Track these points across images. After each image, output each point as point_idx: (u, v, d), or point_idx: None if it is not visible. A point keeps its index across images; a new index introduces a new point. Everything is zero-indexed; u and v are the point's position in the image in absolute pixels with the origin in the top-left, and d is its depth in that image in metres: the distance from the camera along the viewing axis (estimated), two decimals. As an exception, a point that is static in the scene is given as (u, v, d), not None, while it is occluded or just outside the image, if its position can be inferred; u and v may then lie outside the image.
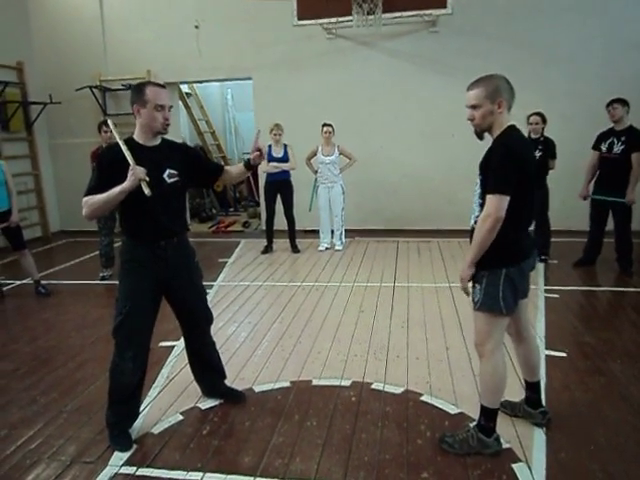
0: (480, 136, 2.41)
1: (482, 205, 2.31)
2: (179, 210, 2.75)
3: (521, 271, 2.36)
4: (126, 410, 2.70)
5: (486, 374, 2.45)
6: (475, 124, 2.37)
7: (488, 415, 2.46)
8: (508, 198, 2.20)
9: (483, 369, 2.46)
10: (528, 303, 2.64)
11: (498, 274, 2.32)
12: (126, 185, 2.40)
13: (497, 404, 2.45)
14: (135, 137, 2.57)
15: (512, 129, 2.33)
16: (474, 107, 2.35)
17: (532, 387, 2.71)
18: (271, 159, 6.42)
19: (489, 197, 2.23)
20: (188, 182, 2.74)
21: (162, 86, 2.56)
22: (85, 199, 2.48)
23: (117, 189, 2.41)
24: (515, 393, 2.91)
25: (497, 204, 2.20)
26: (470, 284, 2.42)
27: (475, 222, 2.35)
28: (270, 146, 6.44)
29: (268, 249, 6.89)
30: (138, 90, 2.50)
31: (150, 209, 2.52)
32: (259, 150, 2.77)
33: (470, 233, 2.38)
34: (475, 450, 2.47)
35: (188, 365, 3.56)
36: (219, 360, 3.08)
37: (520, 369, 2.79)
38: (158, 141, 2.60)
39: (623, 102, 5.10)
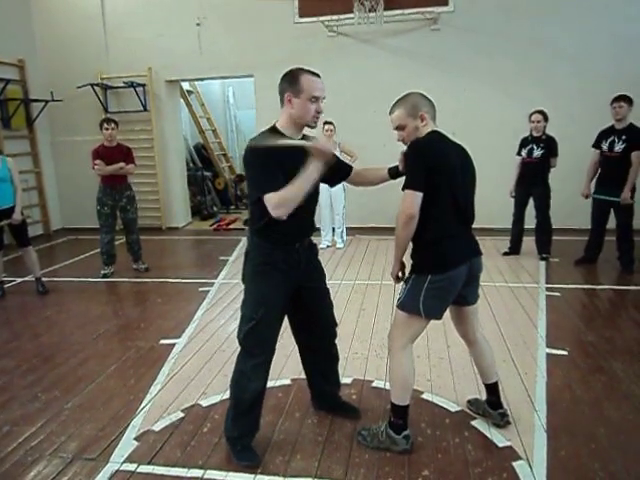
0: None
1: None
2: (314, 210, 2.54)
3: (450, 280, 2.35)
4: (249, 423, 2.52)
5: (393, 370, 2.49)
6: (406, 142, 2.42)
7: (396, 412, 2.48)
8: (420, 194, 2.24)
9: (391, 365, 2.51)
10: (477, 309, 2.63)
11: (423, 279, 2.35)
12: (320, 164, 2.18)
13: (405, 401, 2.46)
14: (280, 127, 2.31)
15: (431, 133, 2.38)
16: (400, 128, 2.42)
17: (489, 389, 2.72)
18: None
19: (403, 194, 2.29)
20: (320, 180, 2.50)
21: (317, 75, 2.30)
22: (276, 199, 2.14)
23: (313, 170, 2.17)
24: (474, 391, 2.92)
25: (408, 200, 2.26)
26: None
27: None
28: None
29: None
30: (292, 78, 2.26)
31: (294, 211, 2.21)
32: None
33: None
34: (384, 446, 2.50)
35: (190, 362, 3.59)
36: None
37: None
38: (301, 135, 2.36)
39: (629, 100, 5.07)
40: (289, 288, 2.44)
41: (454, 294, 2.42)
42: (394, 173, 2.54)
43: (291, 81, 2.26)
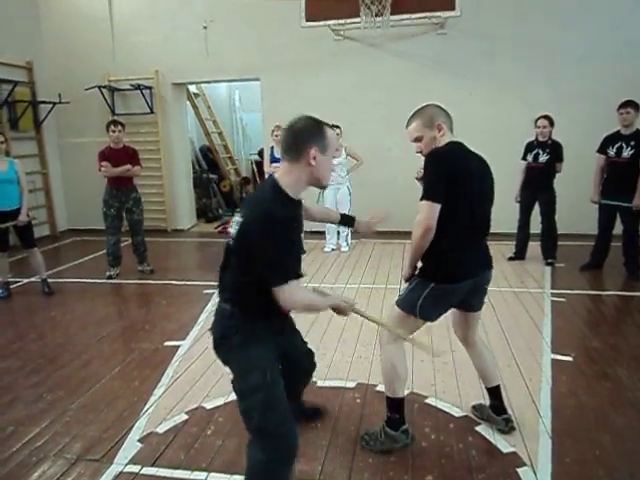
0: None
1: None
2: None
3: (453, 292, 2.36)
4: None
5: (383, 362, 2.52)
6: (424, 154, 2.41)
7: (391, 405, 2.49)
8: (438, 206, 2.21)
9: (381, 357, 2.55)
10: (480, 314, 2.64)
11: (426, 285, 2.35)
12: (337, 305, 2.13)
13: (397, 394, 2.48)
14: (286, 187, 1.93)
15: (451, 143, 2.35)
16: (417, 140, 2.41)
17: (490, 393, 2.72)
18: (273, 160, 6.41)
19: (420, 204, 2.25)
20: None
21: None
22: (300, 299, 1.96)
23: (326, 301, 2.11)
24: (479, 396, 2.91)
25: (427, 211, 2.22)
26: None
27: None
28: (272, 147, 6.43)
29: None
30: (318, 129, 1.92)
31: None
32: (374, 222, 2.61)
33: None
34: (386, 446, 2.50)
35: (193, 365, 3.59)
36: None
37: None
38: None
39: (636, 106, 5.06)
40: (278, 350, 2.16)
41: (453, 303, 2.43)
42: (345, 222, 2.56)
43: (318, 133, 1.91)
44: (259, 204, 1.94)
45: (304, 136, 1.90)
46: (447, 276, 2.34)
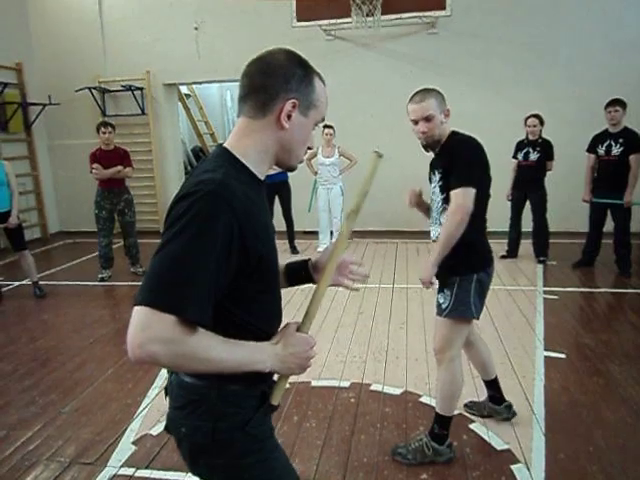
0: (432, 148, 2.33)
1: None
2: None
3: (490, 277, 2.36)
4: None
5: (444, 382, 2.38)
6: (428, 136, 2.26)
7: (442, 423, 2.43)
8: (474, 191, 2.14)
9: (441, 377, 2.40)
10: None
11: (470, 280, 2.27)
12: (278, 369, 1.16)
13: (452, 412, 2.43)
14: (240, 156, 1.17)
15: (457, 133, 2.31)
16: (428, 119, 2.24)
17: (490, 385, 2.73)
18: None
19: (455, 192, 2.15)
20: None
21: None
22: (185, 337, 0.97)
23: (256, 358, 1.11)
24: (472, 394, 2.91)
25: (466, 195, 2.13)
26: (436, 286, 2.38)
27: (437, 238, 2.31)
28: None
29: (267, 250, 6.85)
30: (304, 75, 1.22)
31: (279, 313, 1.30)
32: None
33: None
34: (429, 459, 2.42)
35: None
36: None
37: (475, 370, 2.82)
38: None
39: (623, 104, 5.11)
40: None
41: (487, 292, 2.40)
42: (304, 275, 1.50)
43: (303, 78, 1.20)
44: (196, 175, 1.14)
45: (280, 77, 1.17)
46: (484, 261, 2.33)
